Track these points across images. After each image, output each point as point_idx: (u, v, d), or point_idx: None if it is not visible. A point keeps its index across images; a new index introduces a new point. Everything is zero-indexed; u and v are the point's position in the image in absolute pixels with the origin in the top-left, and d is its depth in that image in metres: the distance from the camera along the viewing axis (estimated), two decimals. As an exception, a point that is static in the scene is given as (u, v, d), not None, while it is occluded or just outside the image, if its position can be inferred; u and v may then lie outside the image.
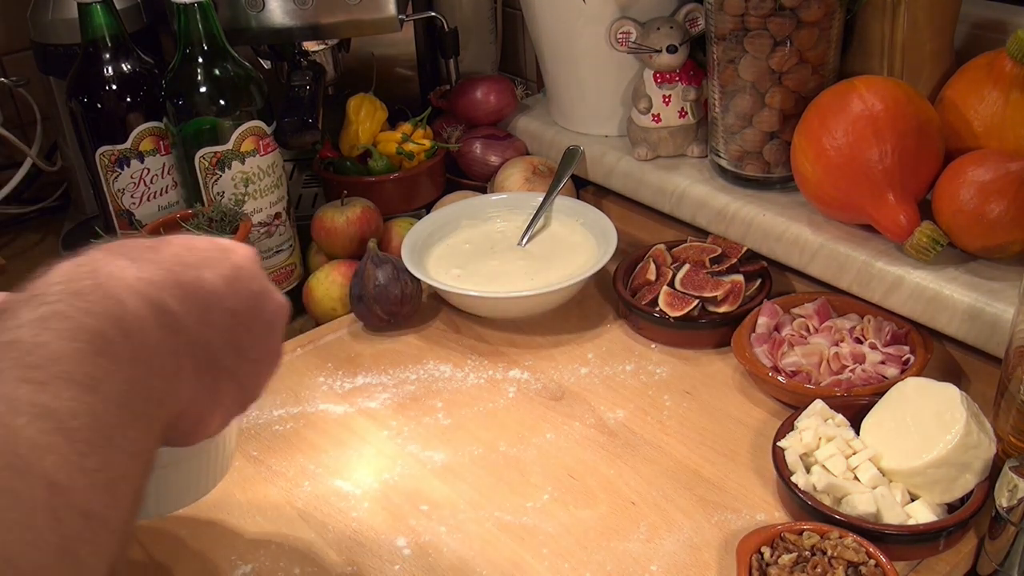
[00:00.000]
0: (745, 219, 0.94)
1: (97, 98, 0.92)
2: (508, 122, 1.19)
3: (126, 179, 0.94)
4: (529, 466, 0.78)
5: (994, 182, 0.77)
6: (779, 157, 0.94)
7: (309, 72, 1.05)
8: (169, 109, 0.92)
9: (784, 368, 0.82)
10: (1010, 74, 0.81)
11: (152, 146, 0.94)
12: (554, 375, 0.88)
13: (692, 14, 1.01)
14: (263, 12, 1.01)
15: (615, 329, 0.94)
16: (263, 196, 0.95)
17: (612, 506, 0.73)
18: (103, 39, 0.91)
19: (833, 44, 0.90)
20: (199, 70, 0.90)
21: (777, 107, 0.91)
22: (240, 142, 0.92)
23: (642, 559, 0.69)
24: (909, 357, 0.81)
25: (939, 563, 0.67)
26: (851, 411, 0.75)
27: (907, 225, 0.81)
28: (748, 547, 0.66)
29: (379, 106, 1.11)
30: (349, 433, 0.83)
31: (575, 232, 1.02)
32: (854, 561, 0.63)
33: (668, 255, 0.96)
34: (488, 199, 1.07)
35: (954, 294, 0.78)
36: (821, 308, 0.87)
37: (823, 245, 0.87)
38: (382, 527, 0.73)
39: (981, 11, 0.91)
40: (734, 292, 0.90)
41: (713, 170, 1.01)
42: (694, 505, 0.73)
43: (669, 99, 1.02)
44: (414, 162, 1.10)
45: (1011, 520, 0.63)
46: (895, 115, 0.81)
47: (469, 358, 0.92)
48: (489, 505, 0.74)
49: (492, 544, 0.71)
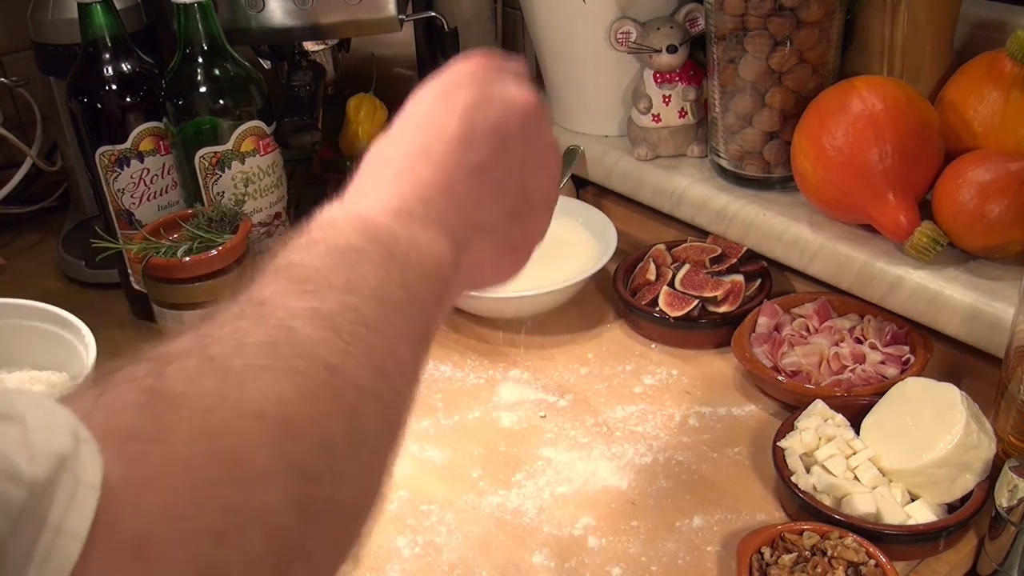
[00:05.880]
0: (745, 219, 0.94)
1: (97, 98, 0.91)
2: (508, 122, 1.19)
3: (126, 179, 0.94)
4: (529, 466, 0.78)
5: (994, 182, 0.77)
6: (779, 157, 0.94)
7: (309, 72, 1.04)
8: (169, 109, 0.92)
9: (784, 368, 0.82)
10: (1010, 74, 0.81)
11: (152, 146, 0.94)
12: (554, 375, 0.88)
13: (692, 14, 1.01)
14: (263, 12, 1.01)
15: (615, 329, 0.94)
16: (263, 196, 0.95)
17: (612, 506, 0.73)
18: (103, 39, 0.90)
19: (833, 44, 0.90)
20: (199, 70, 0.90)
21: (777, 107, 0.91)
22: (240, 142, 0.92)
23: (642, 559, 0.69)
24: (909, 357, 0.81)
25: (939, 563, 0.67)
26: (851, 411, 0.75)
27: (907, 225, 0.81)
28: (748, 547, 0.66)
29: (379, 106, 1.11)
30: (349, 433, 0.83)
31: (575, 232, 1.02)
32: (854, 561, 0.63)
33: (668, 255, 0.96)
34: (488, 199, 1.07)
35: (954, 294, 0.78)
36: (821, 308, 0.87)
37: (823, 245, 0.87)
38: (382, 527, 0.73)
39: (981, 11, 0.91)
40: (734, 292, 0.90)
41: (713, 170, 1.01)
42: (694, 505, 0.73)
43: (669, 99, 1.02)
44: (414, 162, 1.09)
45: (1011, 520, 0.63)
46: (895, 115, 0.81)
47: (469, 358, 0.92)
48: (489, 505, 0.74)
49: (492, 544, 0.71)
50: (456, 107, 0.50)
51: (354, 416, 0.39)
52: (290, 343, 0.38)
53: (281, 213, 0.98)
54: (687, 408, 0.83)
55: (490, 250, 0.52)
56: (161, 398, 0.33)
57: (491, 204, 0.51)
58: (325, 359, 0.38)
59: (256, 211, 0.95)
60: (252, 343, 0.37)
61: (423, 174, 0.48)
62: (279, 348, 0.38)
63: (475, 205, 0.49)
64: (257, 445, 0.34)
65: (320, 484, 0.36)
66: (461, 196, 0.49)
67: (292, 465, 0.35)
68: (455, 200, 0.48)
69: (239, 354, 0.37)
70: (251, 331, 0.38)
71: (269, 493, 0.34)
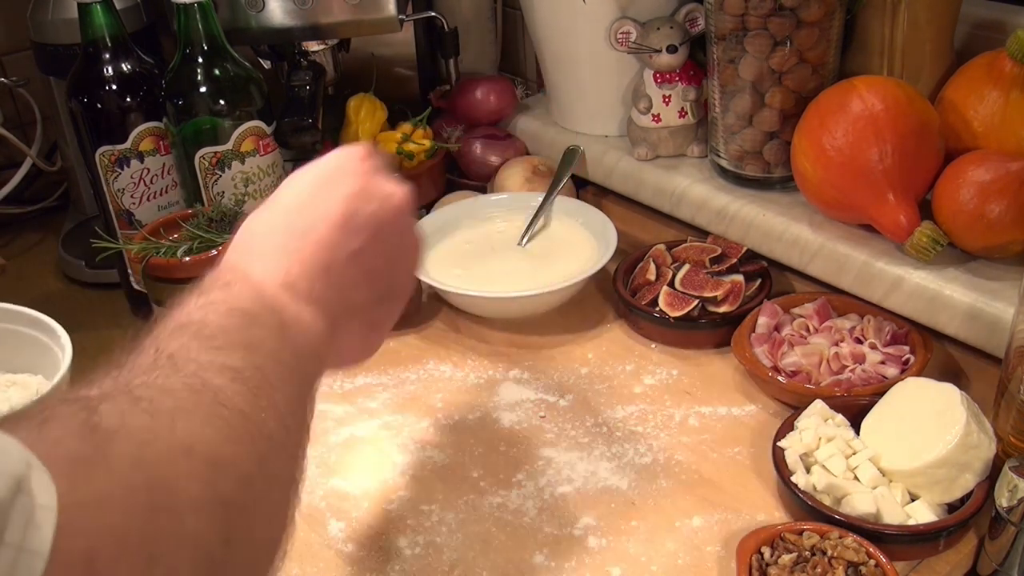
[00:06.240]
0: (745, 219, 0.94)
1: (97, 98, 0.91)
2: (508, 122, 1.19)
3: (126, 179, 0.94)
4: (529, 466, 0.78)
5: (994, 182, 0.77)
6: (779, 157, 0.94)
7: (309, 72, 1.04)
8: (169, 109, 0.92)
9: (784, 368, 0.82)
10: (1010, 74, 0.81)
11: (152, 146, 0.94)
12: (554, 375, 0.88)
13: (692, 14, 1.01)
14: (263, 12, 1.01)
15: (615, 329, 0.94)
16: (263, 196, 0.95)
17: (612, 506, 0.73)
18: (103, 39, 0.90)
19: (833, 44, 0.90)
20: (199, 70, 0.90)
21: (777, 107, 0.91)
22: (240, 142, 0.92)
23: (642, 559, 0.69)
24: (909, 357, 0.81)
25: (939, 563, 0.67)
26: (851, 411, 0.75)
27: (907, 225, 0.81)
28: (748, 547, 0.66)
29: (379, 106, 1.11)
30: (349, 433, 0.83)
31: (575, 232, 1.02)
32: (854, 561, 0.63)
33: (668, 255, 0.96)
34: (488, 199, 1.07)
35: (954, 294, 0.78)
36: (821, 308, 0.87)
37: (823, 245, 0.87)
38: (382, 527, 0.73)
39: (981, 11, 0.91)
40: (734, 292, 0.90)
41: (713, 170, 1.01)
42: (694, 505, 0.73)
43: (669, 99, 1.02)
44: (414, 162, 1.10)
45: (1011, 520, 0.63)
46: (895, 115, 0.81)
47: (469, 358, 0.92)
48: (489, 505, 0.74)
49: (492, 544, 0.71)
50: (340, 195, 0.54)
51: (267, 460, 0.43)
52: (209, 391, 0.41)
53: (281, 213, 0.98)
54: (687, 408, 0.83)
55: (357, 332, 0.56)
56: (98, 431, 0.36)
57: (364, 288, 0.55)
58: (241, 408, 0.42)
59: (256, 211, 0.95)
60: (175, 388, 0.41)
61: (307, 253, 0.52)
62: (200, 395, 0.41)
63: (350, 289, 0.54)
64: (188, 478, 0.37)
65: (241, 516, 0.40)
66: (338, 279, 0.53)
67: (218, 497, 0.38)
68: (333, 282, 0.53)
69: (165, 398, 0.40)
70: (170, 379, 0.41)
71: (199, 521, 0.37)
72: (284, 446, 0.45)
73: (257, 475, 0.41)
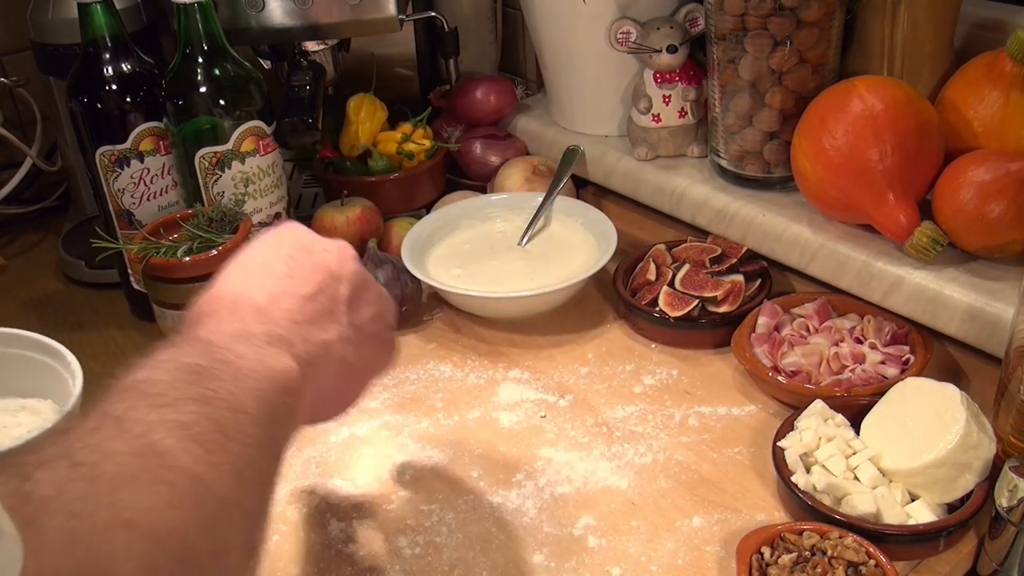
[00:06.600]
0: (745, 219, 0.94)
1: (97, 98, 0.91)
2: (508, 122, 1.19)
3: (126, 179, 0.94)
4: (529, 466, 0.78)
5: (994, 182, 0.77)
6: (779, 157, 0.94)
7: (309, 72, 1.04)
8: (169, 109, 0.92)
9: (784, 368, 0.82)
10: (1010, 74, 0.81)
11: (152, 146, 0.94)
12: (554, 375, 0.88)
13: (692, 14, 1.01)
14: (263, 12, 1.01)
15: (615, 329, 0.94)
16: (263, 196, 0.95)
17: (612, 506, 0.73)
18: (103, 39, 0.90)
19: (833, 44, 0.90)
20: (199, 70, 0.90)
21: (777, 107, 0.91)
22: (240, 142, 0.92)
23: (642, 559, 0.69)
24: (909, 357, 0.81)
25: (939, 563, 0.67)
26: (851, 411, 0.75)
27: (907, 225, 0.81)
28: (748, 547, 0.66)
29: (379, 106, 1.11)
30: (349, 433, 0.83)
31: (575, 232, 1.02)
32: (854, 561, 0.63)
33: (668, 255, 0.96)
34: (488, 199, 1.07)
35: (954, 294, 0.78)
36: (821, 308, 0.87)
37: (823, 245, 0.87)
38: (382, 527, 0.73)
39: (981, 11, 0.91)
40: (734, 292, 0.90)
41: (713, 170, 1.01)
42: (694, 505, 0.73)
43: (669, 99, 1.02)
44: (414, 162, 1.10)
45: (1011, 520, 0.63)
46: (895, 115, 0.81)
47: (469, 358, 0.92)
48: (489, 505, 0.74)
49: (492, 544, 0.71)
50: (282, 253, 0.58)
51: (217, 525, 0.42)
52: (155, 453, 0.40)
53: (281, 213, 0.98)
54: (687, 408, 0.83)
55: (333, 374, 0.57)
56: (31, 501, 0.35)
57: (326, 325, 0.56)
58: (189, 468, 0.41)
59: (256, 211, 0.95)
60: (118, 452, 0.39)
61: (259, 304, 0.54)
62: (145, 458, 0.40)
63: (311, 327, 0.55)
64: (125, 556, 0.36)
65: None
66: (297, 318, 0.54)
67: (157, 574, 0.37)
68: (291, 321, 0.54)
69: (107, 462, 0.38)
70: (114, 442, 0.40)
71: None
72: (238, 504, 0.43)
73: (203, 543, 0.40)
